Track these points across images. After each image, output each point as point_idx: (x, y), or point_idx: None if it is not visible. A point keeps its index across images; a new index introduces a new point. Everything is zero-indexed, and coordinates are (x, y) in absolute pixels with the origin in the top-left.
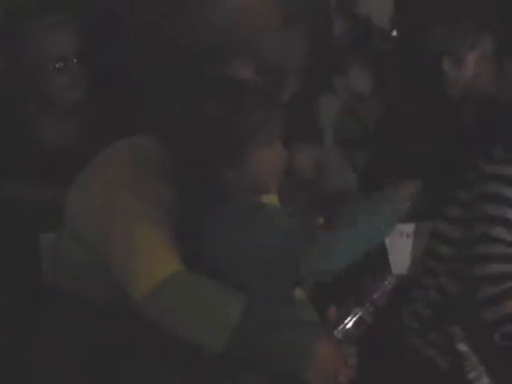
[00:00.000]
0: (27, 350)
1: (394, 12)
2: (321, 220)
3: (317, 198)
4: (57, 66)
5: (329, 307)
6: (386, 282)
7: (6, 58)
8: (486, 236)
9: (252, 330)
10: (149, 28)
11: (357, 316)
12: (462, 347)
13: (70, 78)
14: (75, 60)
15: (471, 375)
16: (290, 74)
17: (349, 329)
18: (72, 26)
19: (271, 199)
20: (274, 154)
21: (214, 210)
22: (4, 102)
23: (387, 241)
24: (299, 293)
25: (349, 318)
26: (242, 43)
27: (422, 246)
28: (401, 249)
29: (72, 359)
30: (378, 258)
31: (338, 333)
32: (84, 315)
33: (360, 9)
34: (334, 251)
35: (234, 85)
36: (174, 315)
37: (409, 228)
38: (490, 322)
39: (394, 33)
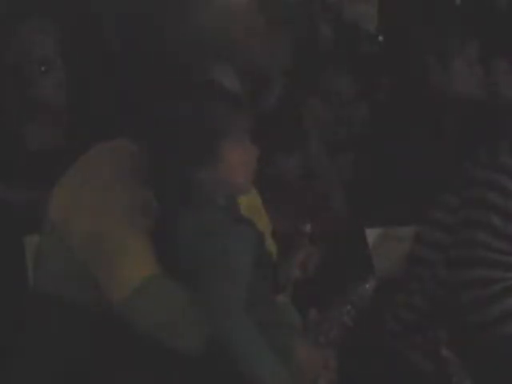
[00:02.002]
0: (11, 352)
1: (381, 17)
2: (308, 227)
3: (303, 203)
4: (42, 69)
5: (310, 310)
6: (367, 285)
7: None
8: (471, 241)
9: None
10: (130, 31)
11: (338, 319)
12: (446, 351)
13: (54, 81)
14: (59, 63)
15: (454, 379)
16: (274, 77)
17: (330, 331)
18: (56, 29)
19: (251, 198)
20: (244, 154)
21: (187, 214)
22: None
23: (373, 245)
24: (282, 296)
25: (330, 321)
26: (223, 46)
27: (406, 250)
28: (386, 253)
29: (55, 362)
30: (360, 262)
31: (319, 335)
32: (67, 318)
33: (347, 13)
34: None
35: (204, 86)
36: (149, 319)
37: (395, 232)
38: (475, 326)
39: (381, 37)
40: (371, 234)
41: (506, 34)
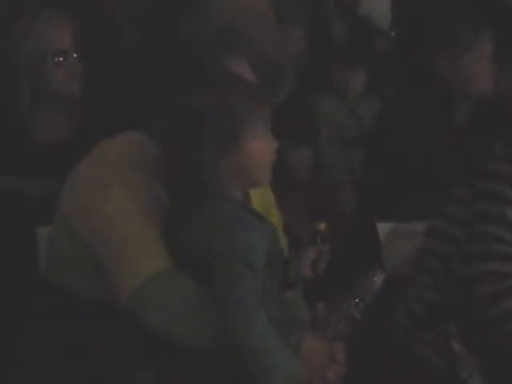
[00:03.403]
0: (20, 342)
1: (393, 12)
2: (322, 225)
3: (314, 198)
4: (56, 60)
5: (318, 304)
6: (376, 279)
7: (3, 52)
8: (484, 234)
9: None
10: (146, 24)
11: (346, 312)
12: (457, 346)
13: (68, 73)
14: (74, 55)
15: (464, 374)
16: (285, 70)
17: (338, 325)
18: (71, 21)
19: (263, 193)
20: (265, 144)
21: (201, 208)
22: (1, 95)
23: (383, 239)
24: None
25: (338, 315)
26: (238, 39)
27: (417, 245)
28: (397, 247)
29: (63, 353)
30: (369, 255)
31: (327, 329)
32: (76, 310)
33: (360, 9)
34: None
35: (227, 77)
36: (159, 313)
37: (405, 227)
38: (488, 321)
39: (393, 33)
40: (382, 229)
41: None
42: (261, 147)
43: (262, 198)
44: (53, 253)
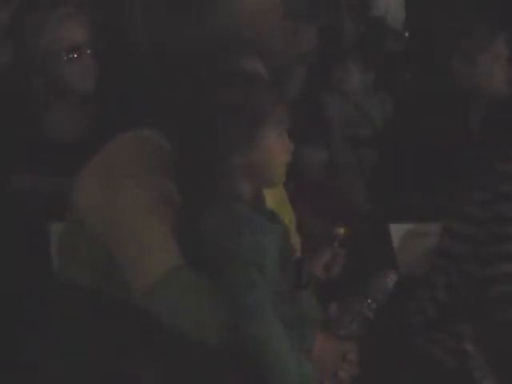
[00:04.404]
0: (31, 340)
1: (407, 13)
2: (341, 230)
3: (327, 198)
4: (70, 56)
5: (331, 304)
6: (388, 279)
7: (16, 49)
8: (502, 236)
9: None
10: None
11: (359, 313)
12: (469, 346)
13: (82, 69)
14: (88, 51)
15: (477, 374)
16: (295, 69)
17: (350, 325)
18: (85, 17)
19: (277, 190)
20: (280, 144)
21: (213, 208)
22: (15, 93)
23: (396, 240)
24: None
25: (351, 315)
26: (251, 37)
27: (430, 245)
28: (410, 248)
29: (74, 350)
30: (381, 255)
31: (339, 329)
32: (91, 306)
33: (374, 10)
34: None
35: (244, 74)
36: (172, 311)
37: (419, 228)
38: (502, 322)
39: (407, 34)
40: (395, 230)
41: None
42: (276, 147)
43: (274, 197)
44: (65, 250)
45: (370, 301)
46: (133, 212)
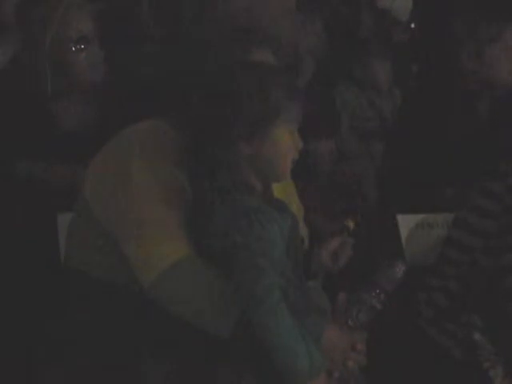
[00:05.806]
0: (44, 330)
1: (413, 4)
2: (351, 223)
3: (336, 189)
4: (78, 47)
5: (339, 294)
6: (397, 269)
7: (24, 40)
8: None
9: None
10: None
11: (367, 302)
12: (479, 336)
13: (90, 60)
14: (96, 42)
15: (486, 365)
16: (305, 59)
17: (359, 315)
18: (93, 8)
19: (286, 186)
20: (290, 141)
21: (222, 199)
22: (23, 83)
23: (404, 231)
24: (312, 281)
25: (359, 305)
26: (263, 30)
27: (437, 236)
28: (418, 239)
29: (83, 339)
30: (389, 246)
31: (347, 319)
32: (98, 295)
33: (380, 1)
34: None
35: (259, 66)
36: (179, 300)
37: (426, 218)
38: None
39: (413, 25)
40: (404, 220)
41: None
42: (286, 142)
43: (283, 189)
44: (73, 239)
45: (378, 291)
46: (142, 201)
